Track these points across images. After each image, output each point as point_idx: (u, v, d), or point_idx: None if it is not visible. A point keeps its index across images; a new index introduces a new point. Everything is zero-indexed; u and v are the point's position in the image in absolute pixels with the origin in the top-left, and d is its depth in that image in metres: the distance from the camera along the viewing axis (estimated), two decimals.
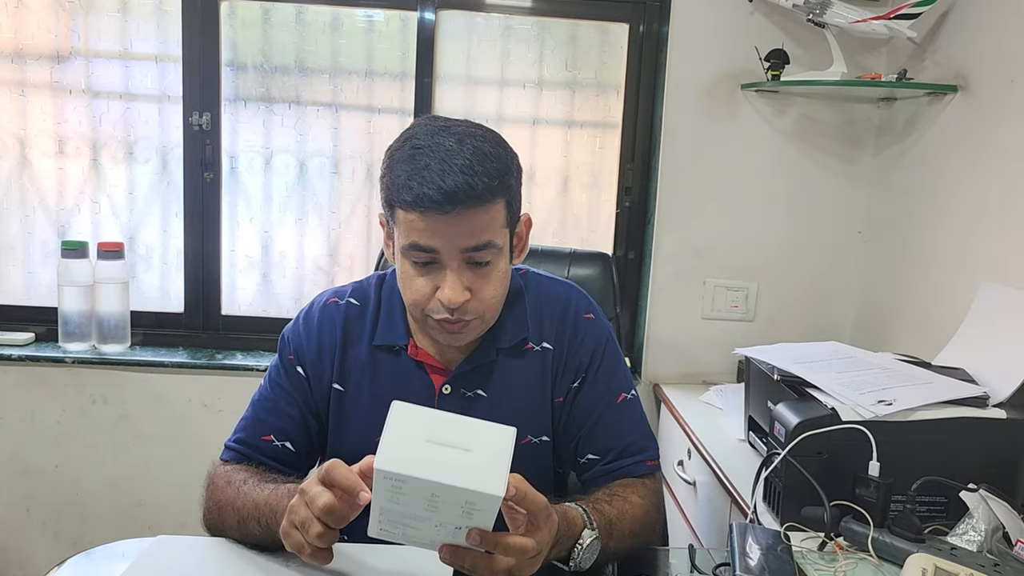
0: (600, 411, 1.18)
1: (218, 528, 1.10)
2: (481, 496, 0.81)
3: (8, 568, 2.22)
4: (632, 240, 2.27)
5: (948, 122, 1.84)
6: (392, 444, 0.83)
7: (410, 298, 1.09)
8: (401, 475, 0.81)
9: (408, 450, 0.82)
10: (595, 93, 2.24)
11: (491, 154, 1.03)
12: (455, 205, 1.00)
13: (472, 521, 0.84)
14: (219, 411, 2.17)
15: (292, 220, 2.27)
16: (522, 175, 1.11)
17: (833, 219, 2.18)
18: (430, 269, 1.06)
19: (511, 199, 1.07)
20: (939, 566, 0.97)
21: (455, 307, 1.05)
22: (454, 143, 1.02)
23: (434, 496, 0.82)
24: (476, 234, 1.03)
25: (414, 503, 0.83)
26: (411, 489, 0.82)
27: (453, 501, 0.82)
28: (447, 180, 0.99)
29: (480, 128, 1.07)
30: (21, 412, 2.16)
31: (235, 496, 1.07)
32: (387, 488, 0.83)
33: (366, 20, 2.20)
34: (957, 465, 1.17)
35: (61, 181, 2.23)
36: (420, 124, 1.07)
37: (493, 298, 1.09)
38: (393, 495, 0.83)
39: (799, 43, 2.06)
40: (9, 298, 2.26)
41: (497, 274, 1.08)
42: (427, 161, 1.01)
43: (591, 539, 0.98)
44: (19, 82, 2.17)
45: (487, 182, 1.01)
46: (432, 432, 0.84)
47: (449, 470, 0.81)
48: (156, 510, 2.21)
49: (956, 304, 1.67)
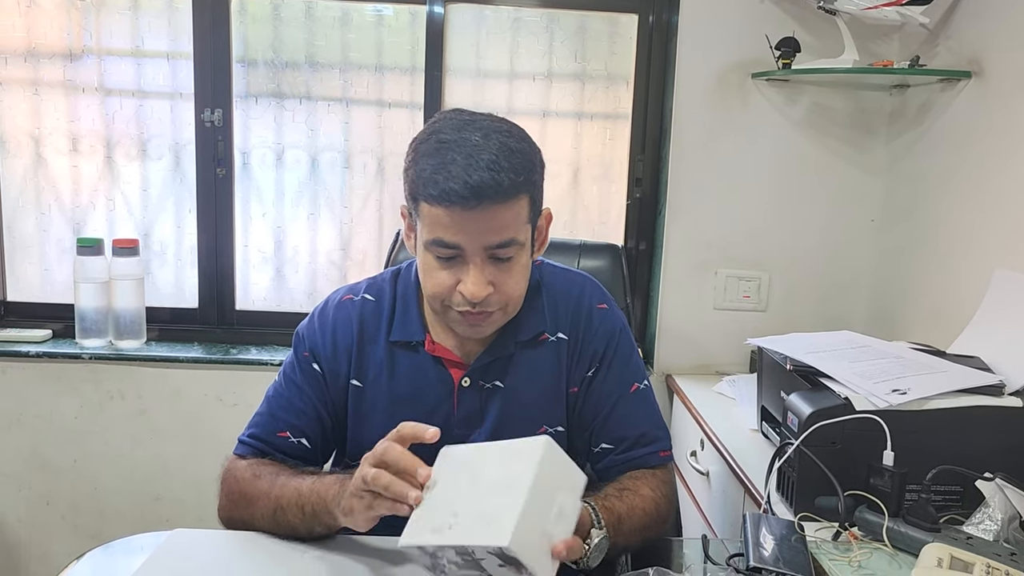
0: (614, 401, 1.19)
1: (242, 520, 1.11)
2: (493, 547, 0.83)
3: (29, 562, 2.25)
4: (643, 231, 2.27)
5: (962, 109, 1.83)
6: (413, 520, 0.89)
7: (431, 290, 1.09)
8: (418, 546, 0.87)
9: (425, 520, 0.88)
10: (605, 84, 2.24)
11: (517, 150, 1.03)
12: (480, 200, 0.99)
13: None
14: (234, 405, 2.19)
15: (304, 215, 2.28)
16: (545, 170, 1.11)
17: (845, 208, 2.17)
18: (453, 263, 1.06)
19: (535, 195, 1.07)
20: (955, 555, 0.97)
21: (477, 301, 1.05)
22: (480, 138, 1.02)
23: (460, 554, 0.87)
24: (500, 231, 1.03)
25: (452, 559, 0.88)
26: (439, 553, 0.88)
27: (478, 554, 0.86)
28: (473, 175, 0.99)
29: (505, 123, 1.07)
30: (39, 408, 2.18)
31: (270, 487, 1.08)
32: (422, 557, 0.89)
33: (375, 14, 2.20)
34: (973, 454, 1.16)
35: (76, 179, 2.25)
36: (445, 117, 1.07)
37: (515, 291, 1.09)
38: (432, 561, 0.90)
39: (810, 31, 2.05)
40: (26, 295, 2.29)
41: (519, 268, 1.08)
42: (453, 156, 1.00)
43: (599, 538, 0.98)
44: (33, 81, 2.19)
45: (513, 178, 1.01)
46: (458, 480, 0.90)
47: (460, 530, 0.85)
48: (173, 504, 2.23)
49: (970, 292, 1.66)
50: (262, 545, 1.07)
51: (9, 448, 2.20)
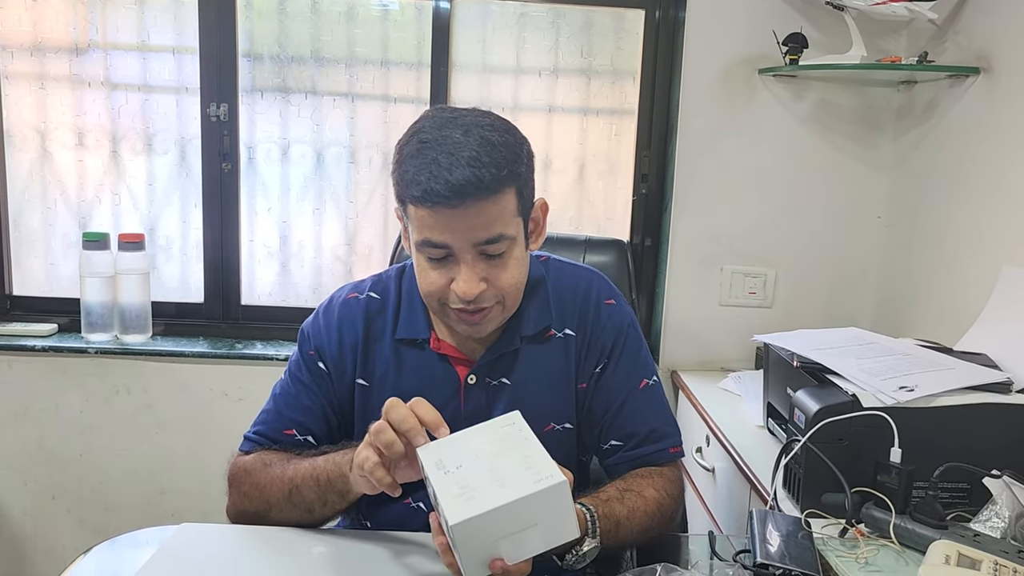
0: (623, 397, 1.18)
1: (255, 511, 1.11)
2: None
3: (35, 555, 2.26)
4: (649, 227, 2.26)
5: (970, 105, 1.82)
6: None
7: (426, 290, 1.09)
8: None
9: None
10: (611, 80, 2.23)
11: (498, 143, 1.02)
12: (463, 198, 0.99)
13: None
14: (239, 400, 2.19)
15: (310, 210, 2.28)
16: (534, 160, 1.10)
17: (852, 204, 2.16)
18: (444, 263, 1.06)
19: (521, 187, 1.06)
20: (962, 552, 0.96)
21: (471, 299, 1.05)
22: (460, 135, 1.01)
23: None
24: (487, 227, 1.02)
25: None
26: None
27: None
28: (454, 173, 0.98)
29: (487, 117, 1.06)
30: (45, 402, 2.19)
31: (282, 472, 1.10)
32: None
33: (381, 9, 2.20)
34: (980, 451, 1.16)
35: (81, 173, 2.25)
36: (427, 117, 1.06)
37: (511, 284, 1.08)
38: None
39: (817, 26, 2.04)
40: (32, 290, 2.29)
41: (513, 262, 1.08)
42: (434, 155, 1.00)
43: (590, 547, 0.99)
44: (39, 75, 2.19)
45: (495, 172, 1.00)
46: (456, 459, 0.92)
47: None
48: (179, 498, 2.24)
49: (978, 289, 1.65)
50: (270, 539, 1.07)
51: (15, 442, 2.20)
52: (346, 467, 1.03)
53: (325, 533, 1.10)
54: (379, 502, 1.14)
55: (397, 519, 1.17)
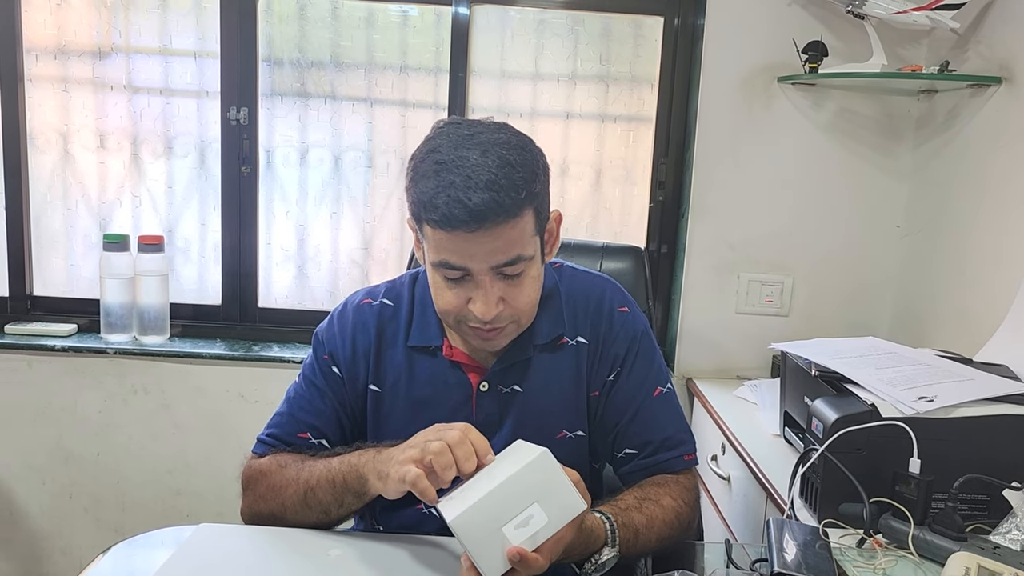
0: (637, 405, 1.18)
1: (271, 513, 1.11)
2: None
3: (52, 554, 2.28)
4: (665, 234, 2.26)
5: (991, 114, 1.81)
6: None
7: (442, 308, 1.09)
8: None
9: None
10: (629, 87, 2.23)
11: (517, 163, 1.00)
12: (482, 223, 0.98)
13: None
14: (255, 402, 2.20)
15: (327, 214, 2.29)
16: (549, 174, 1.09)
17: (871, 213, 2.15)
18: (461, 283, 1.05)
19: (539, 205, 1.05)
20: (982, 565, 0.96)
21: (488, 320, 1.05)
22: (478, 155, 0.99)
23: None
24: (506, 250, 1.02)
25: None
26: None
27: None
28: (473, 197, 0.97)
29: (503, 132, 1.04)
30: (64, 402, 2.21)
31: (297, 474, 1.10)
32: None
33: (400, 15, 2.21)
34: (1000, 463, 1.15)
35: (102, 175, 2.27)
36: (442, 133, 1.04)
37: (527, 305, 1.09)
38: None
39: (838, 35, 2.03)
40: (52, 290, 2.31)
41: (530, 280, 1.07)
42: (452, 178, 0.98)
43: (609, 555, 0.99)
44: (62, 78, 2.22)
45: (515, 196, 0.99)
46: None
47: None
48: (195, 498, 2.25)
49: (998, 299, 1.64)
50: (287, 540, 1.07)
51: (33, 440, 2.22)
52: (363, 468, 1.03)
53: (342, 535, 1.10)
54: (392, 507, 1.14)
55: (409, 523, 1.17)
